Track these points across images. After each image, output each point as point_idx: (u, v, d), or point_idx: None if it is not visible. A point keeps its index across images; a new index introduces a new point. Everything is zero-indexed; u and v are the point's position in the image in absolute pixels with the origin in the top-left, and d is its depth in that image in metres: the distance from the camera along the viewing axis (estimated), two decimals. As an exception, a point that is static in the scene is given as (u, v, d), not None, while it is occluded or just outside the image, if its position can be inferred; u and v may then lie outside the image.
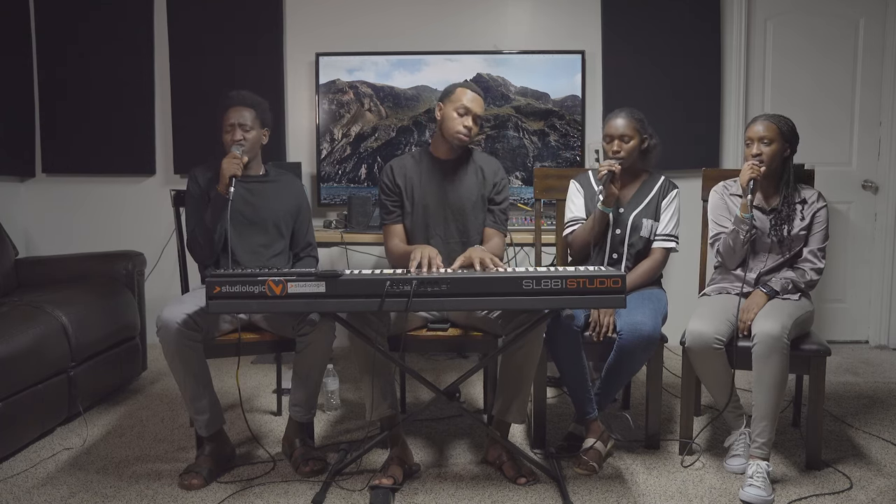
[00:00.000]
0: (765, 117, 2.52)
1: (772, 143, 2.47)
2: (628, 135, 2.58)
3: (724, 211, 2.60)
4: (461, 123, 2.52)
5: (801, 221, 2.52)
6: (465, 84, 2.60)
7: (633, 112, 2.63)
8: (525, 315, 2.31)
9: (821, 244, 2.52)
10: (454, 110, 2.53)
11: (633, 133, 2.59)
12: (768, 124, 2.49)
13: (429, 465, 2.49)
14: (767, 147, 2.47)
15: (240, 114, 2.57)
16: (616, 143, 2.59)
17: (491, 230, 2.65)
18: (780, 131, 2.48)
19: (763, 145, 2.47)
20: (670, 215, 2.66)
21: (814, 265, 2.51)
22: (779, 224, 2.52)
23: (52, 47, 4.11)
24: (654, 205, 2.66)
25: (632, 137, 2.59)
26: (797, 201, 2.54)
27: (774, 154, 2.48)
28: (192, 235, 2.55)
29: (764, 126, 2.48)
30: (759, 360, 2.29)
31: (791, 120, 2.53)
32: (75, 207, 4.23)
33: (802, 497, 2.23)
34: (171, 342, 2.29)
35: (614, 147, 2.59)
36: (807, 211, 2.53)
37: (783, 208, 2.52)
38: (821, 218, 2.52)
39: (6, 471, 2.45)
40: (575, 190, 2.76)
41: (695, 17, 4.02)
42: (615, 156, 2.58)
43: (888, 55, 4.03)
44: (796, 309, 2.41)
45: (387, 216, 2.65)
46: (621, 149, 2.58)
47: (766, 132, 2.47)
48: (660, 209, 2.66)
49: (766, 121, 2.50)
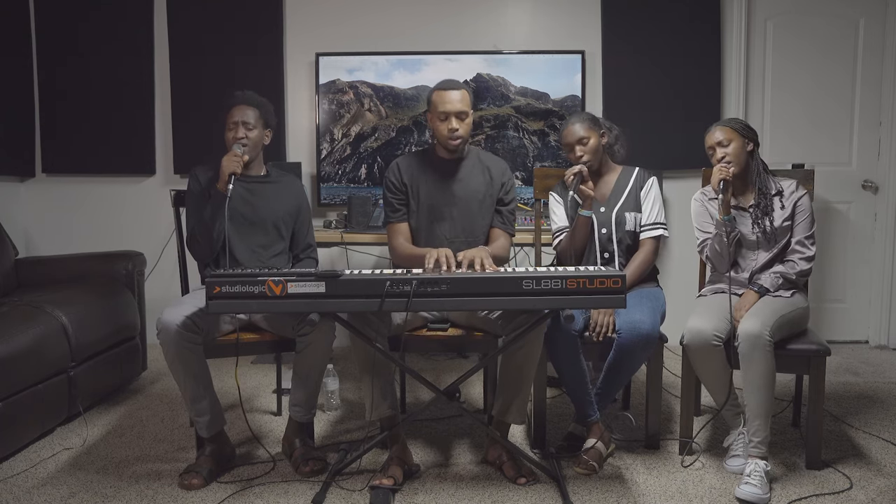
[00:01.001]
0: (717, 124, 2.58)
1: (731, 141, 2.51)
2: (585, 136, 2.62)
3: (706, 217, 2.63)
4: (445, 128, 2.52)
5: (781, 211, 2.53)
6: (441, 86, 2.55)
7: (582, 114, 2.71)
8: (525, 315, 2.31)
9: (807, 232, 2.53)
10: (437, 118, 2.53)
11: (589, 133, 2.63)
12: (722, 128, 2.54)
13: (429, 465, 2.50)
14: (728, 147, 2.51)
15: (243, 112, 2.58)
16: (577, 148, 2.63)
17: (498, 230, 2.65)
18: (734, 130, 2.53)
19: (723, 147, 2.52)
20: (651, 203, 2.67)
21: (803, 254, 2.52)
22: (759, 218, 2.53)
23: (52, 47, 4.11)
24: (633, 197, 2.68)
25: (589, 137, 2.63)
26: (773, 193, 2.55)
27: (738, 151, 2.51)
28: (192, 233, 2.55)
29: (719, 130, 2.54)
30: (744, 360, 2.30)
31: (742, 119, 2.56)
32: (75, 207, 4.24)
33: (802, 497, 2.23)
34: (171, 344, 2.29)
35: (577, 153, 2.63)
36: (786, 201, 2.54)
37: (760, 201, 2.54)
38: (803, 206, 2.54)
39: (6, 471, 2.45)
40: (554, 201, 2.78)
41: (695, 17, 4.02)
42: (579, 161, 2.61)
43: (888, 55, 4.03)
44: (784, 306, 2.41)
45: (392, 214, 2.65)
46: (583, 152, 2.62)
47: (722, 135, 2.52)
48: (640, 200, 2.67)
49: (718, 125, 2.56)
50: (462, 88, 2.55)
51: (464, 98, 2.53)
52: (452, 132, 2.52)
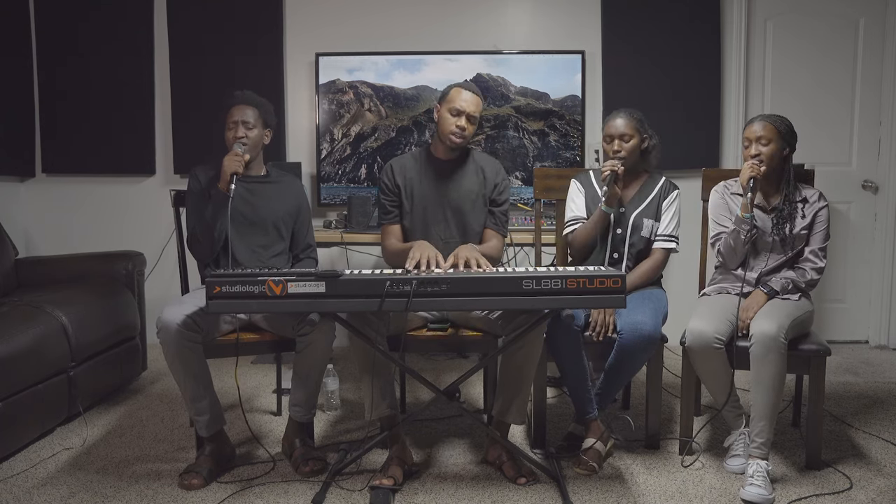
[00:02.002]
0: (762, 118, 2.52)
1: (770, 142, 2.47)
2: (628, 134, 2.59)
3: (724, 210, 2.60)
4: (454, 124, 2.53)
5: (802, 220, 2.52)
6: (462, 84, 2.59)
7: (632, 112, 2.64)
8: (525, 315, 2.31)
9: (822, 244, 2.52)
10: (448, 111, 2.54)
11: (633, 132, 2.60)
12: (765, 124, 2.49)
13: (429, 465, 2.49)
14: (766, 147, 2.48)
15: (243, 112, 2.58)
16: (616, 142, 2.59)
17: (490, 231, 2.65)
18: (777, 131, 2.48)
19: (761, 145, 2.48)
20: (671, 216, 2.66)
21: (815, 265, 2.52)
22: (780, 223, 2.52)
23: (52, 47, 4.11)
24: (655, 205, 2.66)
25: (632, 137, 2.60)
26: (798, 200, 2.54)
27: (773, 154, 2.48)
28: (193, 233, 2.55)
29: (761, 126, 2.49)
30: (756, 360, 2.29)
31: (788, 119, 2.53)
32: (75, 207, 4.24)
33: (802, 497, 2.23)
34: (171, 343, 2.29)
35: (615, 147, 2.59)
36: (808, 210, 2.53)
37: (784, 207, 2.52)
38: (822, 217, 2.53)
39: (6, 471, 2.45)
40: (576, 189, 2.76)
41: (695, 17, 4.02)
42: (616, 155, 2.58)
43: (888, 55, 4.03)
44: (795, 309, 2.41)
45: (385, 216, 2.65)
46: (622, 148, 2.59)
47: (763, 132, 2.48)
48: (661, 209, 2.66)
49: (764, 121, 2.50)
50: (479, 96, 2.57)
51: (479, 104, 2.56)
52: (461, 129, 2.53)
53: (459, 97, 2.53)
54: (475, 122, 2.57)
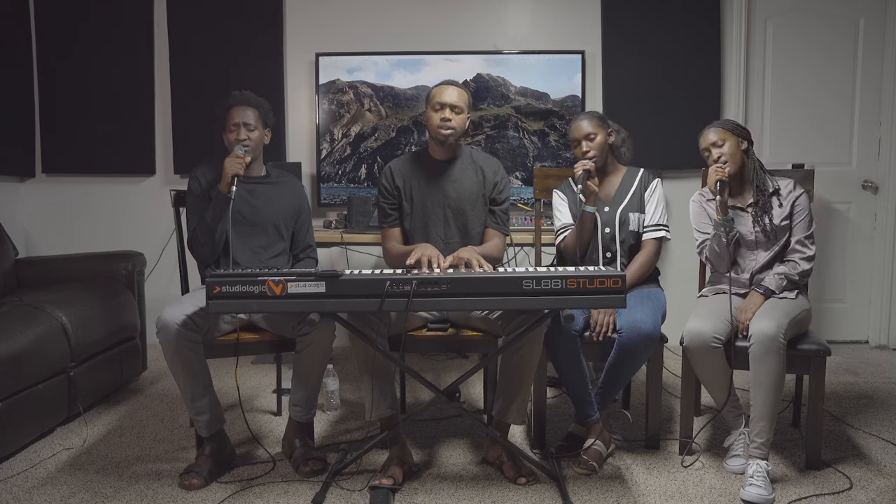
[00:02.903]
0: (709, 126, 2.59)
1: (725, 142, 2.52)
2: (593, 132, 2.64)
3: (704, 218, 2.63)
4: (438, 118, 2.54)
5: (780, 210, 2.54)
6: (441, 82, 2.61)
7: (591, 112, 2.72)
8: (525, 315, 2.31)
9: (806, 231, 2.53)
10: (431, 108, 2.56)
11: (597, 129, 2.65)
12: (714, 129, 2.56)
13: (429, 465, 2.50)
14: (722, 147, 2.52)
15: (244, 113, 2.58)
16: (583, 143, 2.64)
17: (492, 230, 2.65)
18: (727, 130, 2.54)
19: (718, 148, 2.53)
20: (655, 205, 2.68)
21: (803, 254, 2.52)
22: (759, 217, 2.53)
23: (52, 47, 4.11)
24: (637, 197, 2.69)
25: (597, 134, 2.64)
26: (770, 191, 2.56)
27: (732, 151, 2.52)
28: (193, 234, 2.55)
29: (712, 132, 2.56)
30: (755, 360, 2.29)
31: (734, 120, 2.57)
32: (75, 207, 4.24)
33: (802, 497, 2.23)
34: (170, 343, 2.29)
35: (583, 148, 2.64)
36: (784, 200, 2.55)
37: (758, 198, 2.55)
38: (801, 205, 2.54)
39: (6, 471, 2.45)
40: (559, 198, 2.79)
41: (695, 17, 4.02)
42: (586, 156, 2.63)
43: (888, 55, 4.03)
44: (793, 308, 2.41)
45: (385, 220, 2.65)
46: (589, 147, 2.63)
47: (716, 136, 2.54)
48: (644, 201, 2.68)
49: (712, 127, 2.57)
50: (460, 87, 2.58)
51: (461, 95, 2.56)
52: (445, 121, 2.53)
53: (440, 93, 2.55)
54: (461, 112, 2.56)
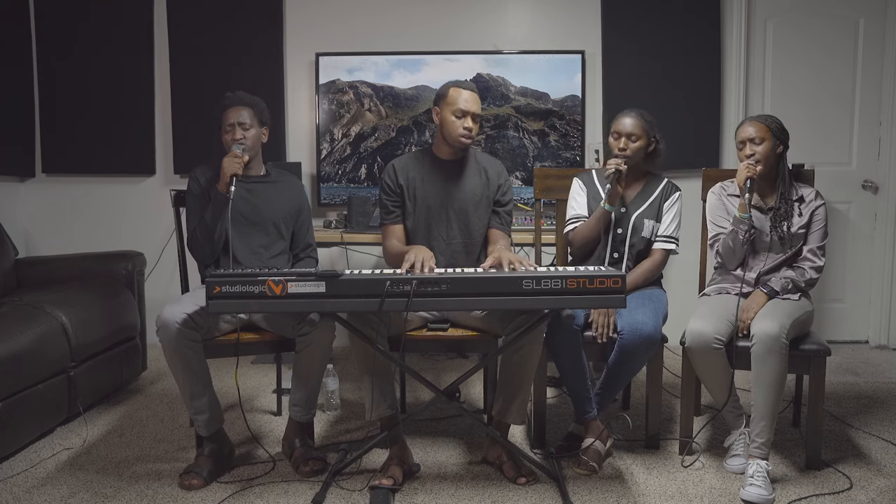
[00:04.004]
0: (753, 118, 2.55)
1: (763, 141, 2.49)
2: (636, 134, 2.59)
3: (722, 212, 2.61)
4: (461, 126, 2.50)
5: (799, 218, 2.53)
6: (459, 83, 2.56)
7: (643, 113, 2.64)
8: (525, 315, 2.31)
9: (820, 242, 2.53)
10: (452, 114, 2.51)
11: (641, 133, 2.60)
12: (757, 124, 2.51)
13: (429, 465, 2.49)
14: (759, 146, 2.49)
15: (238, 113, 2.58)
16: (623, 140, 2.59)
17: (497, 232, 2.64)
18: (769, 129, 2.51)
19: (755, 145, 2.50)
20: (672, 217, 2.66)
21: (813, 263, 2.52)
22: (778, 222, 2.52)
23: (52, 47, 4.11)
24: (656, 206, 2.67)
25: (639, 137, 2.60)
26: (794, 199, 2.55)
27: (767, 152, 2.50)
28: (193, 235, 2.55)
29: (754, 127, 2.51)
30: (757, 360, 2.29)
31: (778, 118, 2.55)
32: (75, 207, 4.23)
33: (802, 497, 2.23)
34: (170, 342, 2.29)
35: (621, 144, 2.59)
36: (805, 209, 2.54)
37: (781, 205, 2.53)
38: (820, 216, 2.53)
39: (6, 471, 2.45)
40: (578, 188, 2.76)
41: (695, 17, 4.02)
42: (621, 153, 2.58)
43: (888, 55, 4.03)
44: (796, 309, 2.41)
45: (386, 216, 2.65)
46: (627, 147, 2.59)
47: (756, 132, 2.50)
48: (662, 211, 2.67)
49: (755, 121, 2.53)
50: (477, 93, 2.56)
51: (479, 102, 2.55)
52: (468, 131, 2.51)
53: (460, 97, 2.50)
54: (479, 119, 2.56)
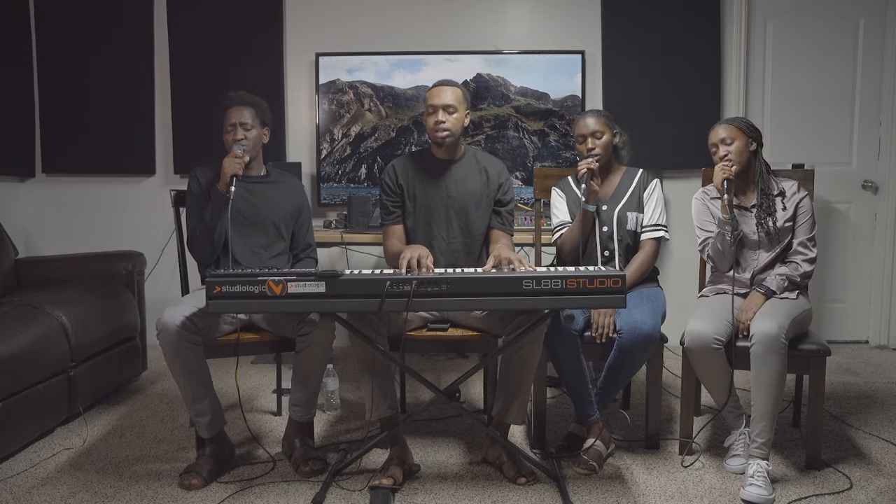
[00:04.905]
0: (722, 121, 2.59)
1: (734, 140, 2.52)
2: (600, 130, 2.64)
3: (707, 216, 2.63)
4: (433, 120, 2.54)
5: (783, 212, 2.54)
6: (435, 83, 2.61)
7: (599, 111, 2.72)
8: (525, 315, 2.31)
9: (809, 233, 2.53)
10: (426, 113, 2.57)
11: (604, 128, 2.65)
12: (726, 126, 2.55)
13: (429, 465, 2.49)
14: (731, 146, 2.52)
15: (240, 113, 2.58)
16: (589, 140, 2.64)
17: (499, 232, 2.65)
18: (739, 129, 2.53)
19: (726, 146, 2.52)
20: (654, 205, 2.69)
21: (805, 256, 2.52)
22: (762, 218, 2.54)
23: (52, 47, 4.11)
24: (636, 197, 2.69)
25: (603, 133, 2.65)
26: (775, 193, 2.56)
27: (741, 150, 2.52)
28: (193, 235, 2.55)
29: (723, 128, 2.55)
30: (757, 360, 2.29)
31: (748, 119, 2.57)
32: (75, 207, 4.24)
33: (802, 497, 2.23)
34: (171, 345, 2.29)
35: (588, 145, 2.64)
36: (788, 202, 2.55)
37: (763, 201, 2.55)
38: (805, 207, 2.54)
39: (6, 471, 2.45)
40: (557, 196, 2.80)
41: (695, 17, 4.02)
42: (591, 153, 2.63)
43: (888, 55, 4.03)
44: (794, 308, 2.41)
45: (387, 217, 2.65)
46: (595, 145, 2.64)
47: (726, 133, 2.53)
48: (642, 201, 2.69)
49: (724, 123, 2.57)
50: (454, 86, 2.58)
51: (455, 94, 2.55)
52: (438, 124, 2.53)
53: (431, 95, 2.56)
54: (456, 111, 2.54)
